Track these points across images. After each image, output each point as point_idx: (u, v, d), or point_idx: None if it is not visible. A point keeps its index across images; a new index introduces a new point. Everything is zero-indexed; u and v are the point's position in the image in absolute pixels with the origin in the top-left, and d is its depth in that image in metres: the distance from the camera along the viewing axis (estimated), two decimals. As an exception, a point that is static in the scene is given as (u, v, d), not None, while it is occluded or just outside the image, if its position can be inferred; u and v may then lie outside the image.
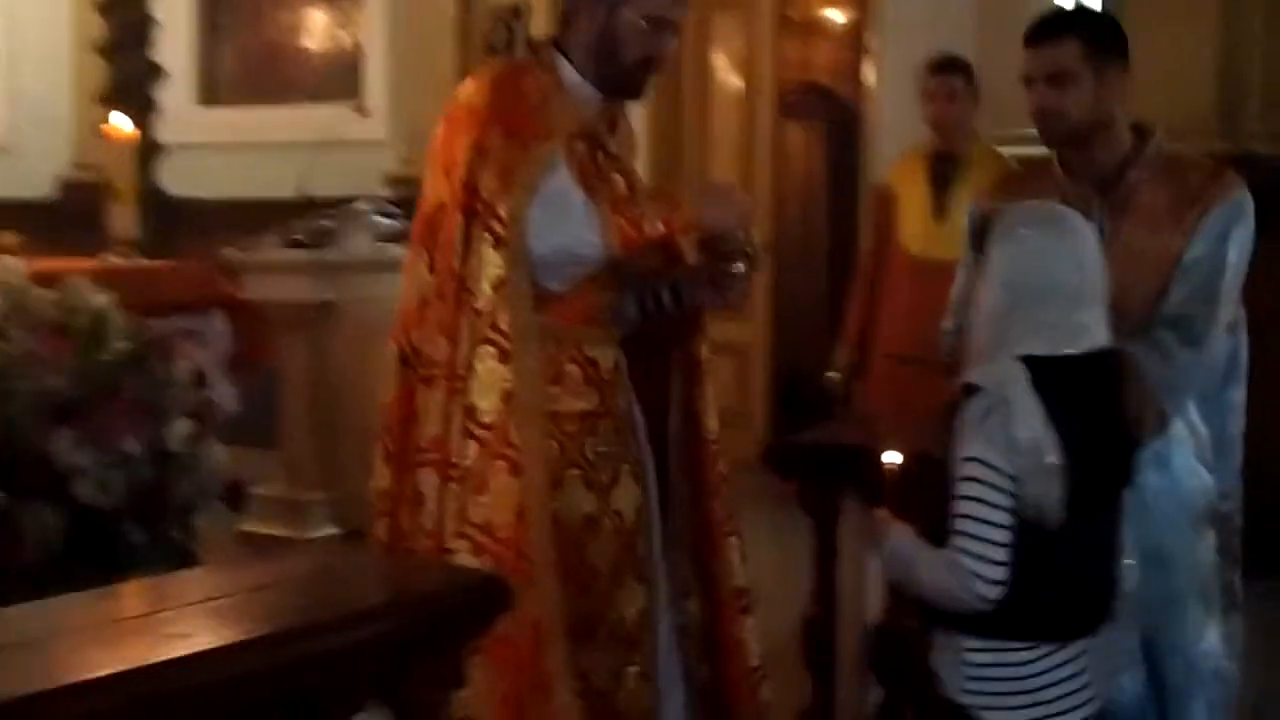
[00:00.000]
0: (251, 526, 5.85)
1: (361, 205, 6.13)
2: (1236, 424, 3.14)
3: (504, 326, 2.69)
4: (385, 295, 5.97)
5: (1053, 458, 2.36)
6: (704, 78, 8.36)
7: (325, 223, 5.88)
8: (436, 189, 2.85)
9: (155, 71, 9.01)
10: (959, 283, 3.23)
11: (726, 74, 8.39)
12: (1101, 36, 3.03)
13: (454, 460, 2.72)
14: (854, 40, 8.54)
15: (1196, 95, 6.06)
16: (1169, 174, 3.02)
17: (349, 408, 5.93)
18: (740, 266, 2.87)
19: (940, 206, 5.18)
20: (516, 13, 3.01)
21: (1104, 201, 3.02)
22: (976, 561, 2.36)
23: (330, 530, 5.87)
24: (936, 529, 2.49)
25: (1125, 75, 3.02)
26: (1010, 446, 2.35)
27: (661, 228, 2.80)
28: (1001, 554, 2.36)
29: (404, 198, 7.44)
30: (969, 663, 2.46)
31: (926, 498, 2.53)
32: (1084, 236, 2.51)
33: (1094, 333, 2.47)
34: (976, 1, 7.05)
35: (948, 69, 5.27)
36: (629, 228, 2.76)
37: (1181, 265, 2.95)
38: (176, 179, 8.91)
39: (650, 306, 2.99)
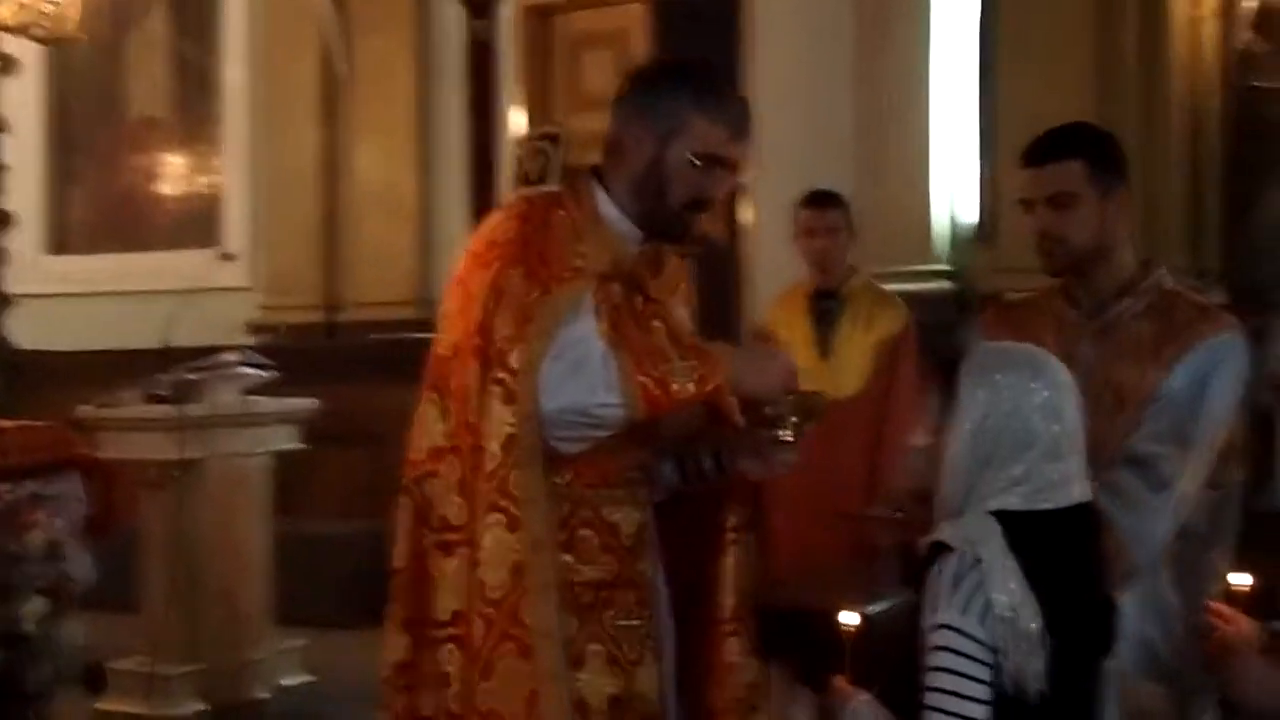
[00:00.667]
0: (110, 705, 5.44)
1: (229, 356, 5.85)
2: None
3: (513, 491, 2.43)
4: (253, 450, 5.88)
5: (1034, 624, 2.18)
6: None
7: (189, 375, 5.58)
8: (452, 330, 2.59)
9: (3, 219, 8.66)
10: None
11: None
12: (1105, 157, 2.91)
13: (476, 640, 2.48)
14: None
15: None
16: (1162, 307, 2.88)
17: (214, 572, 5.67)
18: (787, 434, 2.62)
19: (825, 344, 5.06)
20: (554, 139, 2.69)
21: (1092, 330, 2.90)
22: None
23: (196, 707, 5.49)
24: (896, 695, 2.29)
25: (1128, 198, 2.91)
26: (987, 613, 2.17)
27: (692, 389, 2.51)
28: None
29: (268, 345, 7.22)
30: None
31: (884, 661, 2.33)
32: (1063, 384, 2.34)
33: (1071, 486, 2.30)
34: (852, 137, 7.08)
35: (825, 203, 5.20)
36: (654, 387, 2.48)
37: (1155, 401, 2.79)
38: (26, 331, 8.53)
39: (691, 471, 2.74)
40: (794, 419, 2.61)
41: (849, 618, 2.45)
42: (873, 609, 2.77)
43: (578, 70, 8.52)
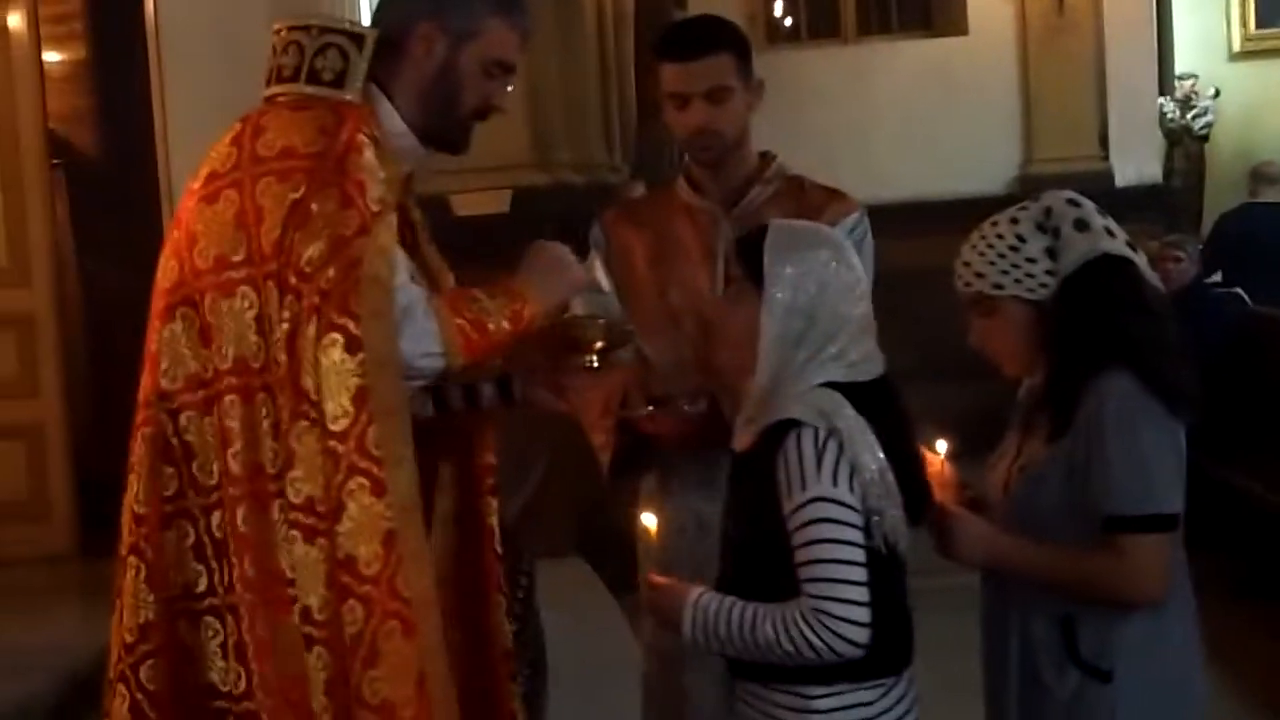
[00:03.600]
0: None
1: None
2: None
3: (374, 451, 2.09)
4: None
5: (893, 481, 2.23)
6: None
7: None
8: (217, 239, 2.19)
9: None
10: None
11: None
12: (746, 48, 2.91)
13: (316, 618, 2.12)
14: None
15: (511, 132, 6.24)
16: (790, 192, 2.95)
17: None
18: (592, 360, 2.39)
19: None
20: (358, 40, 2.26)
21: (730, 218, 2.92)
22: (844, 606, 2.17)
23: None
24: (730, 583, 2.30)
25: (760, 88, 2.94)
26: (853, 478, 2.20)
27: (508, 326, 2.24)
28: (866, 594, 2.19)
29: None
30: (816, 711, 2.26)
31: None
32: (856, 264, 2.37)
33: (876, 360, 2.35)
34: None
35: None
36: (471, 331, 2.19)
37: None
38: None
39: (456, 402, 2.41)
40: (601, 345, 2.40)
41: (648, 519, 2.42)
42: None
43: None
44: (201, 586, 2.19)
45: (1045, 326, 2.36)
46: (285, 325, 2.10)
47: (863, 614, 2.19)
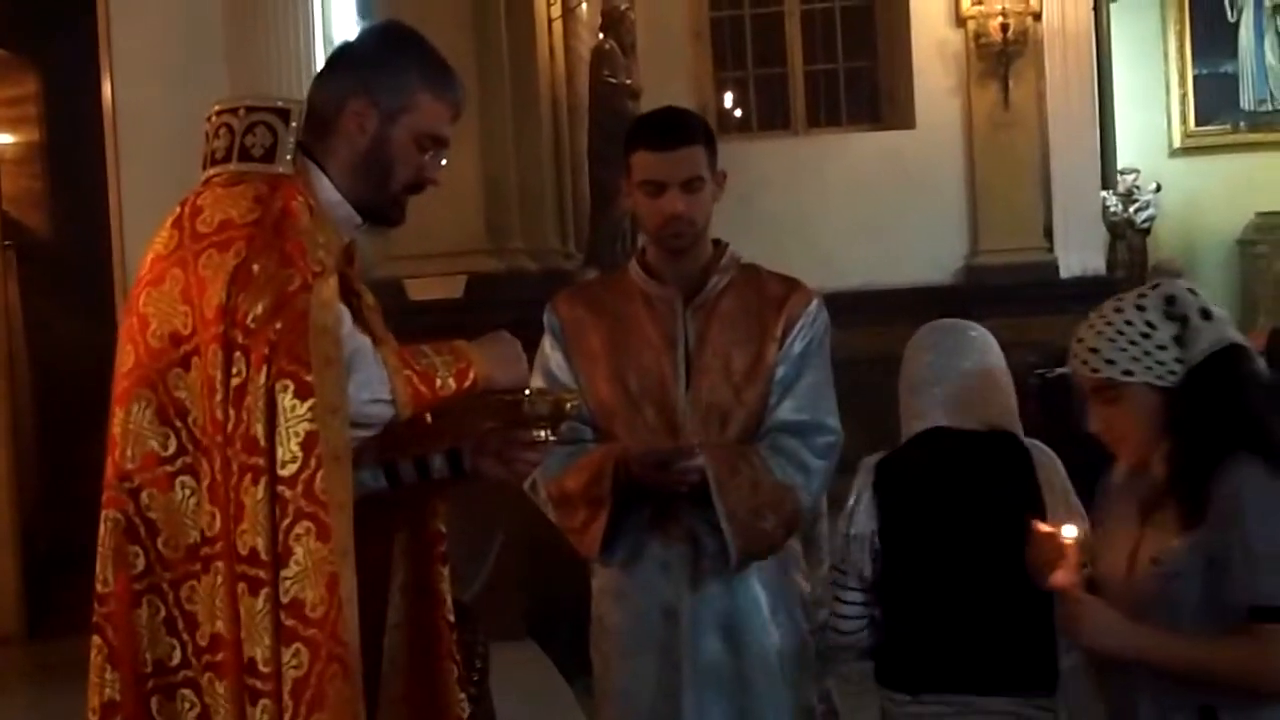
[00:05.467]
0: None
1: None
2: None
3: (321, 496, 2.11)
4: None
5: None
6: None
7: None
8: (167, 317, 2.22)
9: None
10: None
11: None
12: (713, 141, 3.02)
13: (261, 670, 2.11)
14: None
15: (467, 218, 6.30)
16: (747, 281, 3.04)
17: None
18: (541, 434, 2.43)
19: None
20: (285, 115, 2.32)
21: (689, 306, 3.00)
22: None
23: None
24: None
25: (723, 180, 3.04)
26: None
27: (453, 384, 2.27)
28: None
29: None
30: None
31: None
32: None
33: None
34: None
35: None
36: (419, 382, 2.23)
37: (778, 369, 2.97)
38: None
39: (408, 475, 2.43)
40: (559, 416, 2.44)
41: None
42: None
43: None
44: (175, 660, 2.19)
45: (1171, 413, 2.37)
46: (236, 379, 2.12)
47: None
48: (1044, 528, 2.49)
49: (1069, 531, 2.44)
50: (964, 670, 2.90)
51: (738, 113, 10.81)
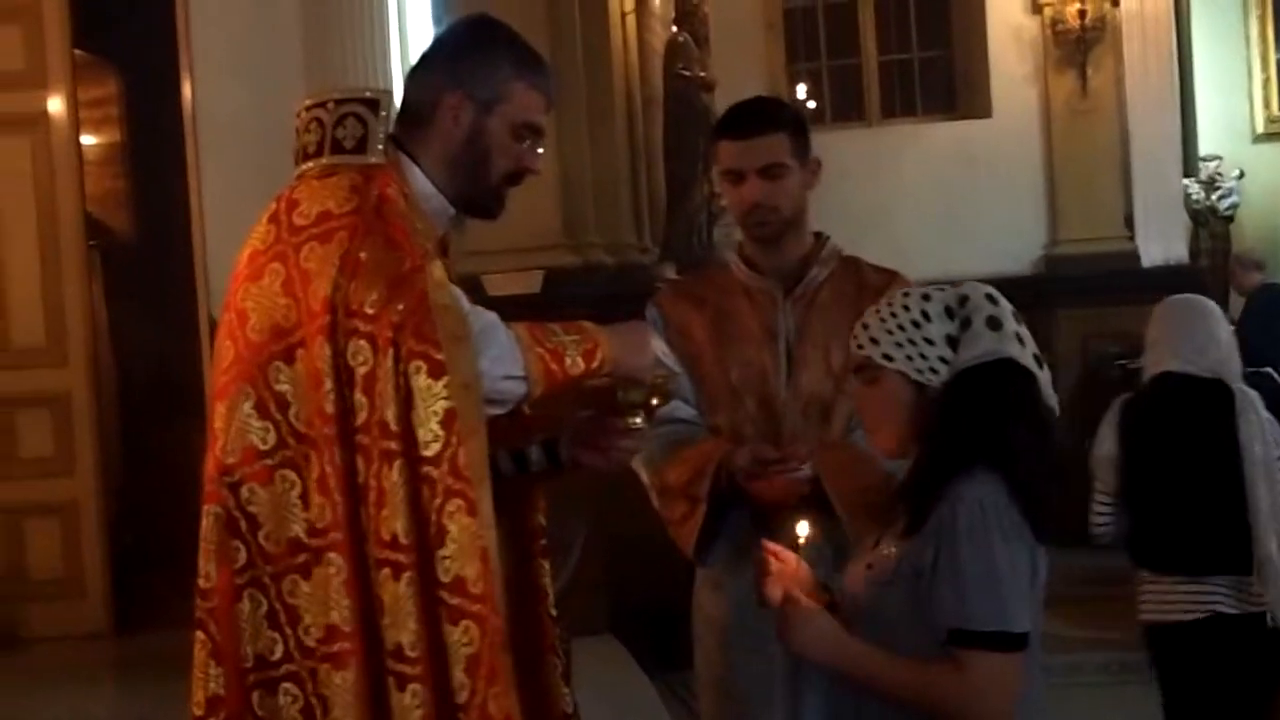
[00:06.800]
0: None
1: None
2: None
3: (465, 471, 2.10)
4: None
5: None
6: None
7: None
8: (268, 311, 2.21)
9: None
10: None
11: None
12: (801, 128, 3.01)
13: (408, 655, 2.10)
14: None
15: (543, 214, 6.31)
16: (847, 273, 3.03)
17: None
18: (638, 422, 2.38)
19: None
20: (374, 105, 2.31)
21: (789, 298, 2.99)
22: None
23: None
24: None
25: (817, 167, 3.02)
26: None
27: (582, 364, 2.25)
28: None
29: None
30: None
31: None
32: None
33: None
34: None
35: None
36: (550, 360, 2.22)
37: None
38: None
39: (506, 468, 2.40)
40: (653, 403, 2.40)
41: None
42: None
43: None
44: (277, 654, 2.19)
45: (924, 413, 2.29)
46: (364, 368, 2.12)
47: None
48: (771, 546, 2.38)
49: (801, 530, 2.39)
50: (1188, 554, 3.91)
51: (811, 104, 10.74)
